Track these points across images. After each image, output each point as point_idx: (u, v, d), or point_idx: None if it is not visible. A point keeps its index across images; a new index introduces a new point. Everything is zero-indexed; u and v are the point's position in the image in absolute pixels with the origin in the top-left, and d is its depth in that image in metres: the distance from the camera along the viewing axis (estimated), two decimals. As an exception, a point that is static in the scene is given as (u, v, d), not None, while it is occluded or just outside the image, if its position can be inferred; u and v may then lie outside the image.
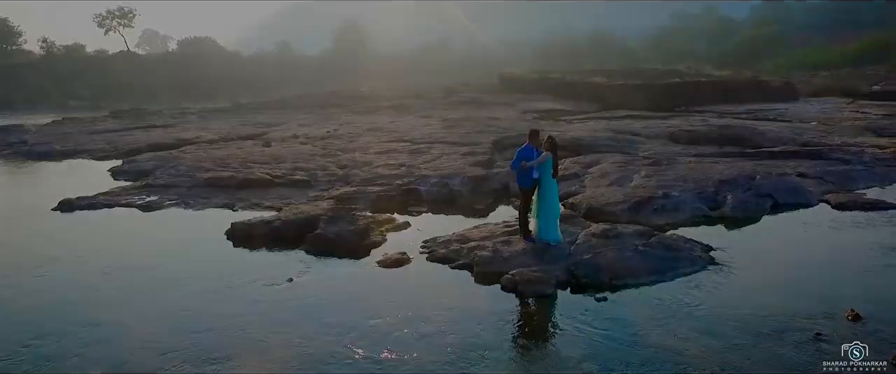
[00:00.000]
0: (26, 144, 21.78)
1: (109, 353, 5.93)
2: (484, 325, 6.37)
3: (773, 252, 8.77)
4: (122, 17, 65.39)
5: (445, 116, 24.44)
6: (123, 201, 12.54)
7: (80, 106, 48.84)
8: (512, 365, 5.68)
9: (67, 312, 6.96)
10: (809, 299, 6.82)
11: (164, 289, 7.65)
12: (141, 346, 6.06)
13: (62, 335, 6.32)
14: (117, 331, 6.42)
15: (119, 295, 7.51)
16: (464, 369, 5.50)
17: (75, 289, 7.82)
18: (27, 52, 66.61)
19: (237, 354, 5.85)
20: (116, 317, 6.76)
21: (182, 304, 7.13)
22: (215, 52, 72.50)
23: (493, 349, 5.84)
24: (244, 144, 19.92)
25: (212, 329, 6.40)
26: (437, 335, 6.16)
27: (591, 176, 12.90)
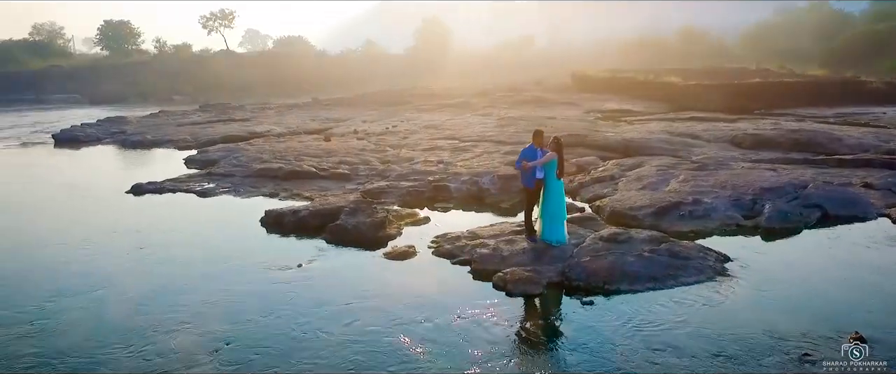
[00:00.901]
0: (125, 134, 24.40)
1: (96, 312, 6.72)
2: (458, 318, 6.54)
3: (794, 267, 8.16)
4: (223, 19, 70.88)
5: (503, 114, 24.48)
6: (185, 186, 13.83)
7: (183, 100, 53.39)
8: (446, 358, 5.70)
9: (79, 277, 7.95)
10: (813, 318, 6.36)
11: (184, 264, 8.52)
12: (128, 307, 6.92)
13: (75, 294, 7.25)
14: (112, 294, 7.31)
15: (140, 266, 8.50)
16: (398, 352, 5.76)
17: (105, 258, 8.85)
18: (144, 52, 73.98)
19: (207, 320, 6.42)
20: (122, 283, 7.76)
21: (191, 277, 7.94)
22: (304, 51, 76.61)
23: (444, 342, 5.99)
24: (306, 138, 21.12)
25: (205, 301, 7.06)
26: (410, 323, 6.42)
27: (627, 179, 12.52)
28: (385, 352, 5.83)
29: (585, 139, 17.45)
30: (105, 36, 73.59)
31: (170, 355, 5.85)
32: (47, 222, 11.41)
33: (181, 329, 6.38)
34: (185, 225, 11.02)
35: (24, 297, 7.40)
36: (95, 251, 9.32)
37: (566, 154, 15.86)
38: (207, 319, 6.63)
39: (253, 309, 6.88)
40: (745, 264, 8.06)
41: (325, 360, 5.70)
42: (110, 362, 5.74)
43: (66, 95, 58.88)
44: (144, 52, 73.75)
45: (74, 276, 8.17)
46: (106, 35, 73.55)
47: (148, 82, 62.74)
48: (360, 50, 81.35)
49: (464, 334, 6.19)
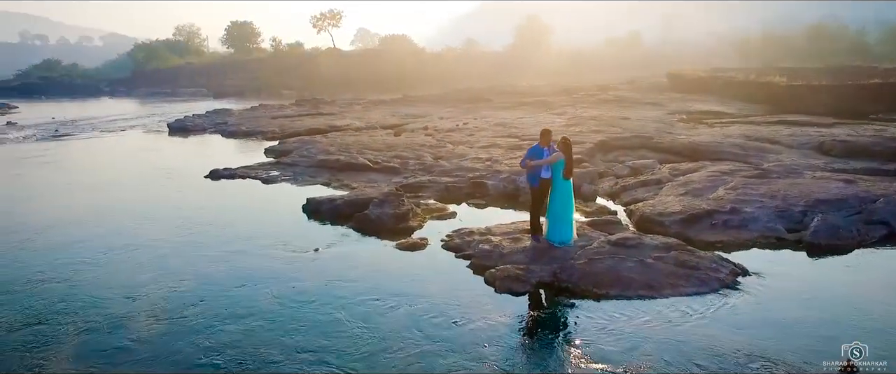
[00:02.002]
0: (226, 125, 27.06)
1: (124, 267, 7.75)
2: (434, 308, 6.76)
3: (818, 287, 7.39)
4: (331, 19, 75.37)
5: (578, 114, 23.92)
6: (253, 173, 15.21)
7: (290, 95, 57.63)
8: (405, 349, 5.85)
9: (123, 236, 9.15)
10: (805, 345, 5.80)
11: (217, 238, 9.61)
12: (140, 265, 7.95)
13: (111, 250, 8.40)
14: (140, 255, 8.37)
15: (179, 236, 9.73)
16: (357, 337, 6.09)
17: (156, 228, 10.10)
18: (263, 50, 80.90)
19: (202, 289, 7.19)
20: (152, 245, 8.94)
21: (214, 249, 8.93)
22: (405, 49, 79.27)
23: (392, 329, 6.25)
24: (379, 132, 22.14)
25: (212, 267, 7.89)
26: (375, 307, 6.77)
27: (674, 184, 11.89)
28: (318, 329, 6.30)
29: (649, 141, 16.69)
30: (231, 36, 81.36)
31: (151, 298, 6.78)
32: (130, 197, 13.14)
33: (177, 285, 7.36)
34: (238, 207, 12.20)
35: (77, 248, 8.73)
36: (152, 221, 10.80)
37: (625, 156, 15.52)
38: (203, 282, 7.65)
39: (241, 280, 7.71)
40: (763, 280, 7.48)
41: (264, 331, 6.26)
42: (100, 288, 6.68)
43: (195, 89, 65.96)
44: (263, 50, 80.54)
45: (120, 235, 9.86)
46: (232, 35, 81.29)
47: (263, 78, 68.53)
48: (458, 48, 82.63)
49: (425, 324, 6.39)
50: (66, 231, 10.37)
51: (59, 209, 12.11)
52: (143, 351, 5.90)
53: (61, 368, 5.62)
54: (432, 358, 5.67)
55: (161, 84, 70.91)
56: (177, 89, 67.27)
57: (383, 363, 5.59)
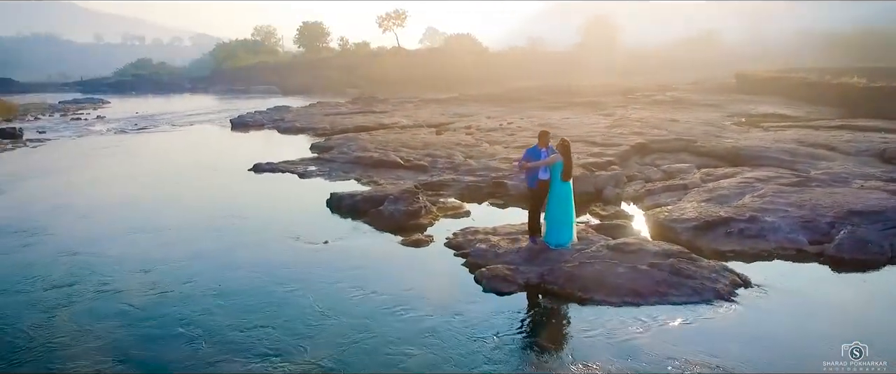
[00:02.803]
0: (283, 122, 28.41)
1: (145, 246, 8.41)
2: (410, 301, 6.93)
3: (825, 304, 6.93)
4: (396, 18, 76.92)
5: (625, 115, 23.27)
6: (292, 168, 15.97)
7: (354, 93, 59.32)
8: (353, 336, 6.09)
9: (148, 217, 9.89)
10: (785, 361, 5.53)
11: (235, 226, 10.25)
12: (161, 252, 8.51)
13: (134, 230, 9.14)
14: (166, 243, 9.01)
15: (203, 221, 10.56)
16: (313, 322, 6.40)
17: (184, 212, 10.87)
18: (331, 49, 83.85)
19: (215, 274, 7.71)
20: (172, 227, 9.77)
21: (227, 234, 9.60)
22: (469, 48, 79.63)
23: (370, 318, 6.49)
24: (422, 131, 22.52)
25: (220, 257, 8.44)
26: (359, 298, 7.03)
27: (701, 189, 11.41)
28: (278, 310, 6.75)
29: (691, 145, 16.04)
30: (302, 36, 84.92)
31: (157, 272, 7.36)
32: (174, 186, 14.22)
33: (183, 264, 8.03)
34: (269, 199, 12.90)
35: (112, 226, 9.60)
36: (185, 208, 11.83)
37: (662, 160, 15.02)
38: (206, 263, 8.32)
39: (240, 265, 8.30)
40: (764, 293, 7.12)
41: (236, 309, 6.74)
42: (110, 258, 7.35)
43: (266, 87, 69.26)
44: (331, 49, 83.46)
45: (152, 218, 11.01)
46: (303, 35, 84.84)
47: (330, 76, 70.99)
48: (522, 47, 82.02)
49: (388, 314, 6.62)
50: (109, 212, 11.59)
51: (109, 194, 13.39)
52: (134, 314, 6.72)
53: (66, 316, 6.43)
54: (373, 346, 5.91)
55: (236, 82, 75.01)
56: (250, 87, 70.89)
57: (317, 346, 5.92)
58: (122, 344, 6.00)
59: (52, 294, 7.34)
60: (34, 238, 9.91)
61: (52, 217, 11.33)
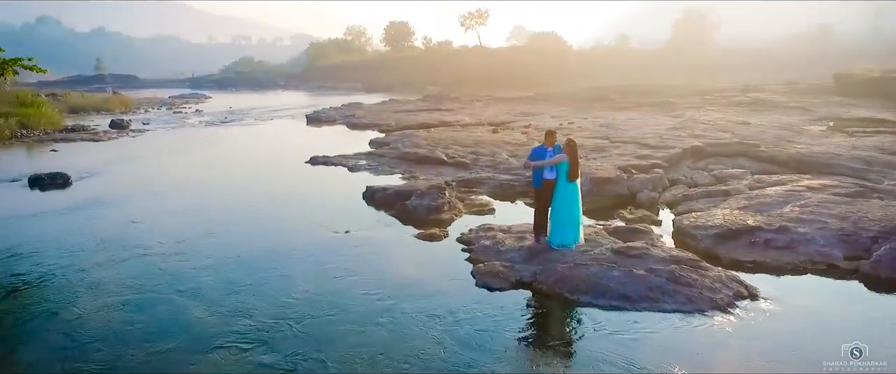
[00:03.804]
0: (354, 118, 29.70)
1: (183, 223, 9.31)
2: (395, 290, 7.20)
3: (835, 325, 6.38)
4: (478, 17, 77.27)
5: (694, 116, 22.09)
6: (344, 162, 16.78)
7: (434, 90, 60.42)
8: (324, 318, 6.47)
9: (195, 208, 10.86)
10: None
11: (271, 215, 11.07)
12: (194, 230, 9.35)
13: (177, 211, 10.12)
14: (203, 223, 9.90)
15: (242, 207, 11.35)
16: (290, 298, 6.85)
17: (231, 200, 11.83)
18: (415, 48, 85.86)
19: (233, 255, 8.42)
20: (214, 212, 10.46)
21: (264, 223, 10.31)
22: (553, 46, 78.35)
23: (349, 301, 6.88)
24: (479, 129, 22.69)
25: (244, 238, 9.17)
26: (345, 283, 7.40)
27: (743, 196, 10.73)
28: (266, 285, 7.40)
29: (752, 150, 15.03)
30: (388, 35, 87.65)
31: (186, 244, 8.15)
32: (234, 173, 15.49)
33: (209, 241, 8.80)
34: (312, 189, 13.73)
35: (162, 206, 10.73)
36: (233, 194, 12.99)
37: (718, 164, 14.26)
38: (229, 242, 9.03)
39: (258, 246, 9.05)
40: (770, 307, 6.70)
41: (236, 284, 7.31)
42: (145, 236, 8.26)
43: (352, 84, 72.34)
44: (415, 48, 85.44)
45: (202, 200, 12.24)
46: (389, 34, 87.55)
47: (412, 74, 72.74)
48: (609, 45, 79.48)
49: (366, 300, 6.96)
50: (169, 193, 13.18)
51: (176, 178, 14.92)
52: (158, 277, 7.79)
53: (103, 267, 7.39)
54: (325, 322, 6.38)
55: (325, 79, 78.98)
56: (337, 84, 74.41)
57: (270, 316, 6.55)
58: (125, 281, 7.12)
59: (100, 254, 8.68)
60: (107, 210, 11.75)
61: (124, 195, 12.88)
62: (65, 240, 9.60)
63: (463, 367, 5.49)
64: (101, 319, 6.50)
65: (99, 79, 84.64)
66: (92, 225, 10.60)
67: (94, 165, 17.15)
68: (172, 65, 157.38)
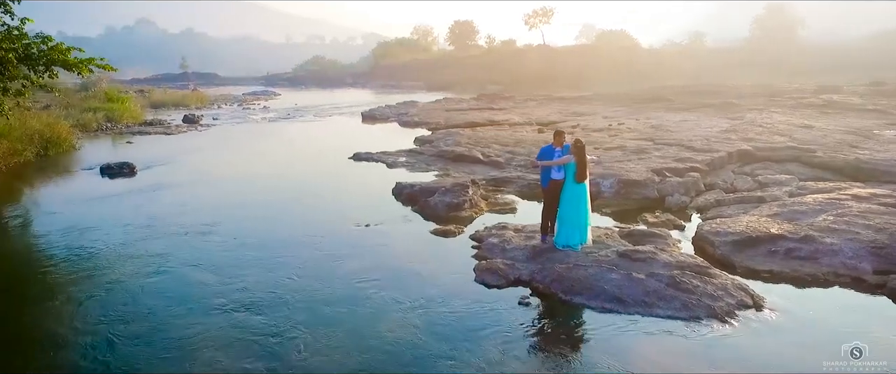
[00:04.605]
0: (406, 115, 30.32)
1: (214, 212, 9.99)
2: (391, 283, 7.43)
3: (832, 343, 6.01)
4: (542, 15, 76.29)
5: (753, 119, 20.92)
6: (384, 158, 17.26)
7: (494, 89, 60.34)
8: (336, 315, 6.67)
9: (231, 192, 11.57)
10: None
11: (299, 206, 11.68)
12: (222, 216, 10.00)
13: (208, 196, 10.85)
14: (233, 211, 10.56)
15: (272, 201, 11.94)
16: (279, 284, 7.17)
17: (266, 189, 12.52)
18: (479, 46, 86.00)
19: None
20: (248, 197, 11.12)
21: (289, 215, 10.92)
22: (621, 44, 76.11)
23: (341, 291, 7.15)
24: (524, 129, 22.59)
25: (267, 226, 9.72)
26: (344, 274, 7.72)
27: (778, 204, 10.18)
28: (266, 270, 7.88)
29: (805, 155, 14.13)
30: (453, 34, 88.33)
31: (217, 229, 8.80)
32: (277, 165, 16.38)
33: (237, 227, 9.36)
34: (346, 183, 14.29)
35: (203, 193, 11.55)
36: (271, 184, 13.85)
37: (765, 169, 13.58)
38: (251, 229, 9.63)
39: (275, 234, 9.58)
40: (773, 320, 6.39)
41: (246, 267, 7.67)
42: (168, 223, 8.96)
43: (414, 83, 73.51)
44: (479, 47, 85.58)
45: (239, 186, 13.09)
46: (454, 33, 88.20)
47: (473, 73, 72.93)
48: (681, 43, 76.24)
49: (351, 288, 7.30)
50: (217, 181, 14.34)
51: (226, 168, 16.00)
52: (185, 252, 8.76)
53: (142, 243, 8.11)
54: (306, 306, 6.78)
55: (389, 77, 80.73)
56: (401, 82, 75.88)
57: (273, 294, 7.04)
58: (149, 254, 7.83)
59: (144, 231, 9.98)
60: (160, 195, 13.16)
61: (178, 183, 14.07)
62: (119, 219, 10.93)
63: (415, 351, 5.74)
64: (130, 282, 7.70)
65: (183, 76, 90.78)
66: (145, 207, 11.87)
67: (160, 156, 18.62)
68: (250, 64, 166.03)
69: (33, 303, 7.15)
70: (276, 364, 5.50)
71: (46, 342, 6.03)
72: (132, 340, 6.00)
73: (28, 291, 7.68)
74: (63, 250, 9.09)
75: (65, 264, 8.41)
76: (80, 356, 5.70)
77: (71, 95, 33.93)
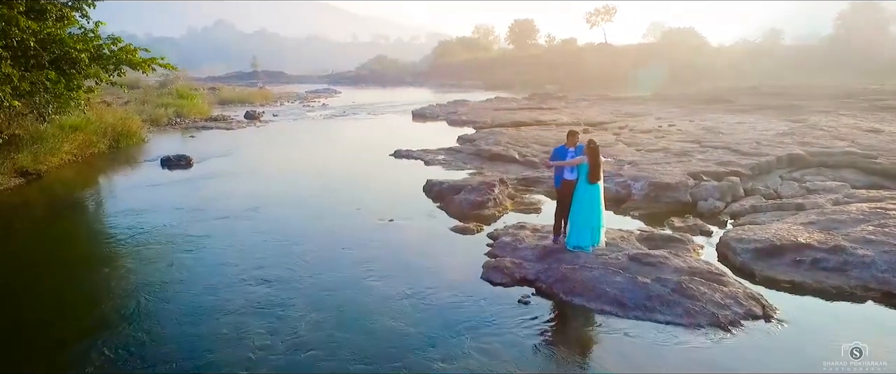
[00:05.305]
0: (455, 114, 30.55)
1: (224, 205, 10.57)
2: (395, 278, 7.61)
3: (820, 358, 5.67)
4: (605, 14, 74.37)
5: (815, 122, 19.67)
6: (423, 156, 17.54)
7: (552, 89, 59.58)
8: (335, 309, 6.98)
9: (270, 181, 12.16)
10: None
11: (330, 199, 12.14)
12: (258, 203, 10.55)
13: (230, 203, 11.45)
14: (269, 202, 11.13)
15: (306, 195, 12.53)
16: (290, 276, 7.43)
17: (302, 183, 13.06)
18: (538, 46, 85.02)
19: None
20: (281, 187, 11.64)
21: (319, 208, 11.34)
22: (687, 43, 73.02)
23: (341, 284, 7.37)
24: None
25: (294, 220, 10.19)
26: (345, 260, 8.01)
27: (818, 211, 9.62)
28: (279, 257, 8.16)
29: (863, 161, 13.21)
30: (513, 33, 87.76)
31: (255, 217, 9.33)
32: (320, 161, 17.02)
33: (267, 218, 9.86)
34: (380, 179, 14.65)
35: (255, 185, 12.26)
36: (309, 178, 14.50)
37: (817, 175, 12.86)
38: (277, 221, 10.00)
39: (299, 225, 10.05)
40: (779, 332, 6.13)
41: (244, 269, 8.07)
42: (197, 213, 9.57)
43: (472, 82, 73.61)
44: (539, 46, 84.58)
45: (284, 178, 14.15)
46: (513, 32, 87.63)
47: (532, 73, 72.23)
48: (754, 41, 72.21)
49: (363, 284, 7.47)
50: (265, 173, 15.26)
51: (275, 161, 16.77)
52: (220, 238, 9.49)
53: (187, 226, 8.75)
54: (320, 290, 7.23)
55: (448, 76, 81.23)
56: (459, 81, 76.20)
57: (282, 275, 7.44)
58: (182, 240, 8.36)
59: (190, 215, 11.01)
60: (210, 185, 14.13)
61: (228, 174, 14.97)
62: (170, 204, 12.03)
63: (393, 337, 6.01)
64: (169, 255, 8.71)
65: (254, 75, 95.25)
66: (194, 196, 12.86)
67: (216, 150, 19.78)
68: (317, 63, 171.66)
69: (97, 266, 8.50)
70: (278, 325, 6.25)
71: (100, 297, 7.29)
72: (162, 302, 6.95)
73: (92, 257, 9.08)
74: (121, 228, 10.23)
75: (120, 238, 9.63)
76: (114, 312, 6.73)
77: (150, 92, 36.60)
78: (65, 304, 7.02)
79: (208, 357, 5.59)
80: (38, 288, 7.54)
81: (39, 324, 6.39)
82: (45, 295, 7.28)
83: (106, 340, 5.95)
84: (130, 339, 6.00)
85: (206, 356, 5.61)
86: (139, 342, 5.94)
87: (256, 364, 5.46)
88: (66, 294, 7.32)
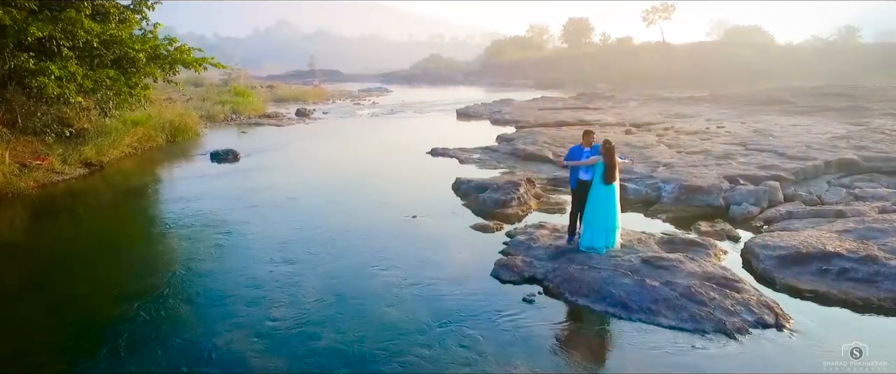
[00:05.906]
0: (499, 113, 30.51)
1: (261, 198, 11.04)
2: (406, 273, 7.73)
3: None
4: (662, 11, 71.97)
5: (880, 125, 18.44)
6: (458, 154, 17.67)
7: (604, 89, 58.39)
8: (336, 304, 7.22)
9: (304, 174, 12.62)
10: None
11: (359, 195, 12.45)
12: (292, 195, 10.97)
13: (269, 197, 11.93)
14: (301, 194, 11.57)
15: (339, 189, 12.81)
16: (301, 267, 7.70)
17: (334, 179, 13.45)
18: (593, 44, 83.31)
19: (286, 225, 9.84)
20: (310, 181, 12.08)
21: (347, 203, 11.72)
22: (751, 41, 69.73)
23: (349, 279, 7.58)
24: (614, 129, 21.84)
25: (322, 213, 10.55)
26: (359, 260, 8.23)
27: (854, 220, 9.10)
28: (301, 251, 8.41)
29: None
30: (567, 31, 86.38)
31: (282, 211, 9.83)
32: (357, 158, 17.52)
33: (297, 211, 10.29)
34: (412, 177, 14.88)
35: (292, 177, 12.79)
36: (349, 170, 15.22)
37: (868, 181, 12.14)
38: (304, 214, 10.54)
39: (321, 221, 10.34)
40: (787, 342, 5.90)
41: (263, 261, 8.42)
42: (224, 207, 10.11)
43: (524, 81, 73.10)
44: (593, 44, 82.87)
45: (319, 171, 14.13)
46: (568, 30, 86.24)
47: (585, 72, 70.97)
48: (825, 39, 68.04)
49: (361, 270, 7.81)
50: (299, 169, 15.79)
51: (316, 157, 17.41)
52: (253, 225, 10.21)
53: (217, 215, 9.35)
54: (331, 280, 7.48)
55: (500, 75, 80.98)
56: (510, 80, 75.86)
57: (298, 264, 7.47)
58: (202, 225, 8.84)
59: (231, 204, 11.82)
60: (254, 177, 14.90)
61: (271, 168, 15.69)
62: (215, 194, 12.94)
63: (387, 325, 6.21)
64: (209, 238, 9.53)
65: (310, 73, 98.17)
66: (237, 187, 13.63)
67: (265, 145, 20.68)
68: (373, 62, 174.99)
69: (145, 245, 9.77)
70: (291, 299, 6.93)
71: (144, 270, 8.26)
72: (198, 275, 7.85)
73: (142, 238, 10.33)
74: (169, 213, 11.37)
75: (167, 222, 10.79)
76: (156, 281, 7.67)
77: (212, 90, 38.55)
78: (116, 274, 8.15)
79: (231, 321, 6.33)
80: (96, 259, 8.84)
81: (93, 292, 7.39)
82: (100, 267, 8.49)
83: (145, 302, 6.90)
84: (166, 303, 6.90)
85: (230, 320, 6.35)
86: (172, 307, 6.79)
87: (268, 330, 6.11)
88: (117, 268, 8.44)
